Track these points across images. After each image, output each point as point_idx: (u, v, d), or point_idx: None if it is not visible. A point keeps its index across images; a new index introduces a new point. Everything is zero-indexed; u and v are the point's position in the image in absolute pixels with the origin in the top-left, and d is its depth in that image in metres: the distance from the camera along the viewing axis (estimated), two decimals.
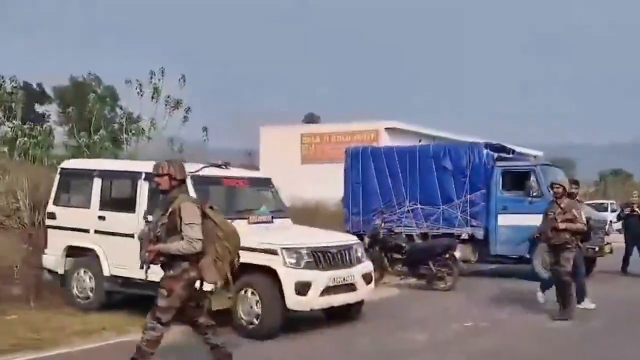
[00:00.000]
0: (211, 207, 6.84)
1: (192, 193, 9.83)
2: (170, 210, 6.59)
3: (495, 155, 15.67)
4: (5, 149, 16.19)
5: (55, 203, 11.43)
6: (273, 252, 9.28)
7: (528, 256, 14.70)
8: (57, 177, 11.59)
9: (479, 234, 15.32)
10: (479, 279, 15.38)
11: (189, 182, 9.92)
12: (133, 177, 10.65)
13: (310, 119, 34.09)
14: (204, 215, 6.67)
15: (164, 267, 6.72)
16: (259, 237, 9.53)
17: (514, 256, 15.26)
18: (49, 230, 11.38)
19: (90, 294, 10.72)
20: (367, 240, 13.99)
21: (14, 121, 18.05)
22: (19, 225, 13.11)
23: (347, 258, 9.93)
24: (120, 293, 10.80)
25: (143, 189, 10.42)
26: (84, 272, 10.80)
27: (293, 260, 9.28)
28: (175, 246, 6.50)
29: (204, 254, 6.61)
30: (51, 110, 37.45)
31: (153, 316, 6.75)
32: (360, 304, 10.40)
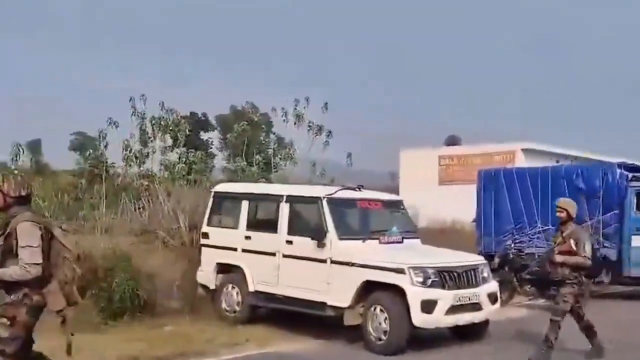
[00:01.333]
0: (60, 227, 6.02)
1: (327, 214, 10.17)
2: (7, 231, 5.66)
3: (630, 175, 14.90)
4: (168, 174, 16.88)
5: (209, 224, 11.90)
6: (401, 271, 9.29)
7: None
8: (211, 200, 12.09)
9: (612, 255, 14.57)
10: (611, 301, 14.57)
11: (324, 203, 10.23)
12: (275, 199, 10.99)
13: (452, 140, 33.62)
14: (51, 237, 5.77)
15: (6, 292, 5.72)
16: (388, 257, 9.61)
17: None
18: (203, 249, 11.87)
19: (237, 308, 11.08)
20: (496, 260, 13.68)
21: (179, 149, 18.81)
22: (179, 244, 13.68)
23: (473, 278, 9.79)
24: (263, 307, 11.11)
25: (284, 211, 10.73)
26: (232, 287, 11.18)
27: (420, 279, 9.26)
28: (8, 272, 5.56)
29: (49, 279, 5.70)
30: (213, 137, 38.96)
31: None
32: (485, 323, 10.18)
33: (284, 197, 10.82)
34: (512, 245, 14.39)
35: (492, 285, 10.19)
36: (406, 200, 12.11)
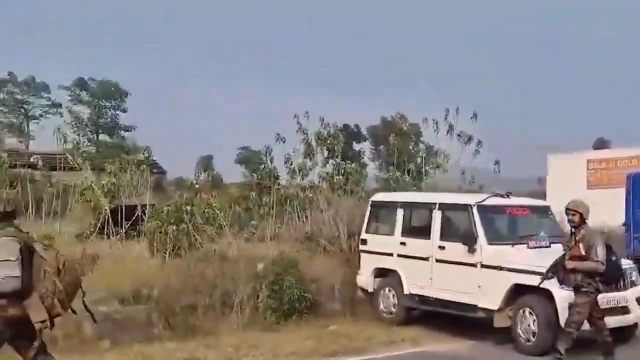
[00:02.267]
0: (50, 244, 6.12)
1: (478, 221, 10.35)
2: None
3: None
4: (326, 185, 17.34)
5: (367, 231, 12.36)
6: None
7: None
8: (368, 208, 12.54)
9: None
10: None
11: (475, 210, 10.42)
12: (428, 207, 11.30)
13: (600, 143, 32.30)
14: (32, 252, 5.72)
15: None
16: (536, 261, 9.66)
17: None
18: (362, 255, 12.34)
19: (393, 310, 11.46)
20: None
21: (334, 160, 19.29)
22: (338, 251, 14.19)
23: (621, 281, 9.62)
24: (417, 309, 11.41)
25: (437, 218, 11.01)
26: (389, 290, 11.57)
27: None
28: None
29: (30, 292, 5.65)
30: (365, 147, 39.58)
31: None
32: (633, 327, 9.98)
33: (437, 205, 11.11)
34: None
35: None
36: (554, 205, 12.01)
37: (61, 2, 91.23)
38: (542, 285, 9.19)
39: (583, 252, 8.38)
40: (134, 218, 14.67)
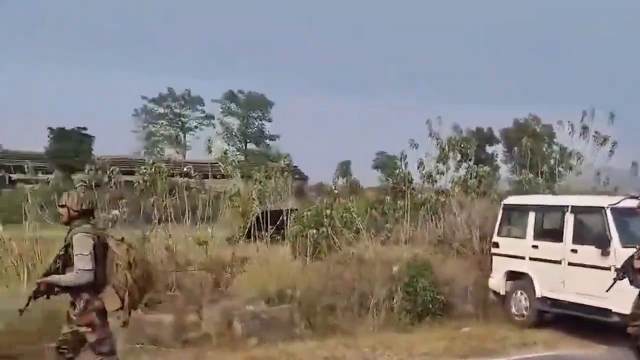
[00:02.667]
0: (122, 239, 6.14)
1: (611, 223, 9.87)
2: (67, 242, 5.90)
3: None
4: (459, 189, 17.09)
5: (499, 234, 12.12)
6: None
7: None
8: (500, 211, 12.28)
9: None
10: None
11: (608, 213, 9.96)
12: (560, 210, 10.92)
13: None
14: (106, 247, 5.91)
15: (72, 303, 5.96)
16: None
17: None
18: (494, 257, 12.11)
19: (525, 312, 11.15)
20: None
21: (467, 163, 18.97)
22: (471, 253, 13.98)
23: None
24: (549, 312, 11.04)
25: (569, 221, 10.62)
26: (520, 293, 11.27)
27: None
28: (64, 278, 5.78)
29: (104, 284, 5.87)
30: (498, 150, 38.65)
31: (95, 353, 6.01)
32: None
33: (569, 208, 10.72)
34: None
35: None
36: None
37: (213, 25, 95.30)
38: None
39: None
40: (278, 222, 15.15)
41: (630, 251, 9.58)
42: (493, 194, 17.41)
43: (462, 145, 18.25)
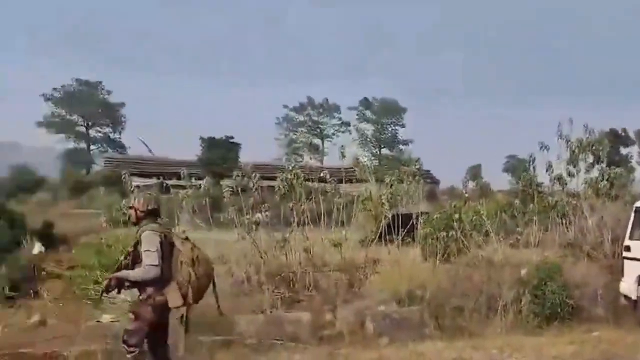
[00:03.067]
0: (186, 237, 6.20)
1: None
2: (136, 239, 6.03)
3: None
4: (590, 191, 16.36)
5: (631, 237, 11.54)
6: None
7: None
8: (633, 214, 11.70)
9: None
10: None
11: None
12: None
13: None
14: (172, 244, 6.01)
15: (138, 292, 6.09)
16: None
17: None
18: (625, 261, 11.52)
19: None
20: None
21: (600, 165, 18.12)
22: (602, 257, 13.35)
23: None
24: None
25: None
26: None
27: None
28: (133, 273, 5.91)
29: (170, 280, 5.94)
30: (633, 151, 36.40)
31: (122, 339, 6.07)
32: None
33: None
34: None
35: None
36: None
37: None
38: None
39: None
40: (409, 225, 15.15)
41: None
42: (627, 196, 16.60)
43: (593, 147, 17.53)
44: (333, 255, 11.97)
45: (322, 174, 14.40)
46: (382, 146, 63.13)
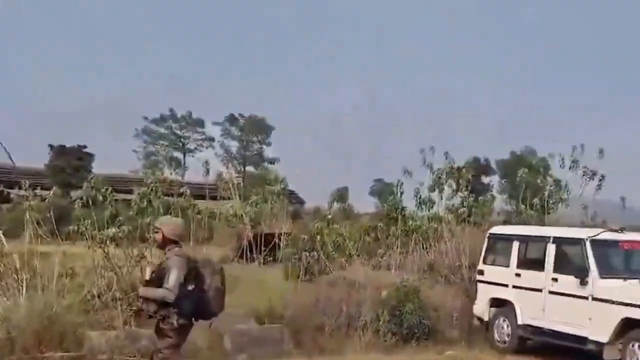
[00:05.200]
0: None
1: (590, 254, 10.39)
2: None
3: None
4: (451, 217, 17.44)
5: (484, 262, 12.61)
6: None
7: None
8: (486, 240, 12.79)
9: None
10: None
11: (587, 244, 10.47)
12: (543, 240, 11.42)
13: None
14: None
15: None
16: None
17: None
18: (479, 285, 12.58)
19: (507, 339, 11.60)
20: None
21: (462, 192, 19.35)
22: (459, 280, 14.37)
23: None
24: (530, 339, 11.48)
25: (551, 251, 11.13)
26: (503, 320, 11.72)
27: None
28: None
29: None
30: (494, 180, 39.23)
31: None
32: None
33: (551, 239, 11.22)
34: None
35: None
36: None
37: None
38: None
39: None
40: (271, 245, 15.61)
41: (610, 281, 10.12)
42: (484, 224, 17.82)
43: (455, 175, 18.63)
44: None
45: (182, 189, 14.54)
46: (247, 164, 63.68)
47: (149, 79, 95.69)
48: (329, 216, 17.13)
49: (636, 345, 9.42)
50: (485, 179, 41.94)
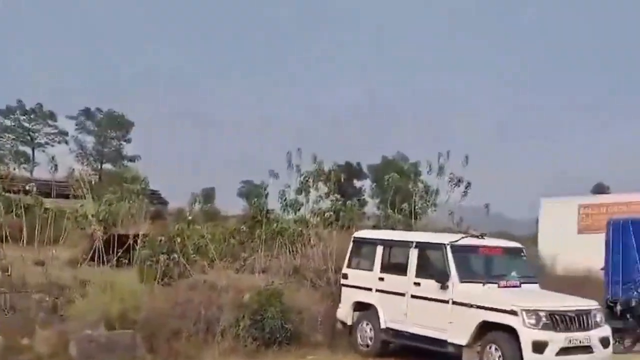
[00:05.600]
0: None
1: (451, 260, 10.96)
2: None
3: None
4: (317, 220, 17.70)
5: (348, 266, 12.98)
6: (514, 313, 9.93)
7: None
8: (351, 244, 13.16)
9: None
10: None
11: (448, 249, 11.04)
12: (406, 245, 11.94)
13: (599, 189, 32.91)
14: None
15: None
16: (504, 300, 10.25)
17: None
18: (343, 288, 12.93)
19: (370, 343, 12.00)
20: (619, 308, 13.72)
21: (333, 196, 19.67)
22: (326, 284, 14.67)
23: (585, 322, 10.19)
24: (393, 343, 11.94)
25: (413, 256, 11.62)
26: (366, 324, 12.12)
27: (532, 321, 9.84)
28: None
29: None
30: (366, 185, 40.33)
31: None
32: None
33: (413, 244, 11.74)
34: (635, 292, 14.29)
35: (605, 330, 10.50)
36: (545, 248, 12.62)
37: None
38: (505, 322, 9.81)
39: None
40: (125, 246, 15.24)
41: (470, 286, 10.71)
42: (352, 227, 18.22)
43: (323, 178, 18.90)
44: (36, 276, 11.73)
45: (28, 186, 13.98)
46: (105, 161, 61.78)
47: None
48: (190, 217, 16.96)
49: (493, 347, 10.02)
50: (357, 183, 43.05)
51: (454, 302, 10.69)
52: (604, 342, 10.32)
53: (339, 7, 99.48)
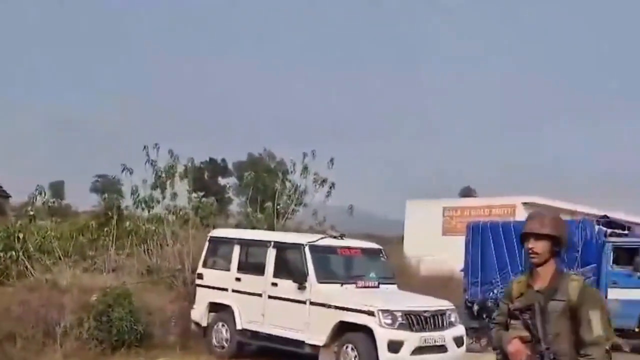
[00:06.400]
0: None
1: (309, 260, 11.26)
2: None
3: (608, 231, 15.76)
4: (172, 218, 17.54)
5: (204, 265, 13.04)
6: (371, 314, 10.36)
7: (637, 330, 14.62)
8: (207, 243, 13.24)
9: None
10: None
11: (306, 250, 11.34)
12: (263, 245, 12.18)
13: (467, 192, 34.56)
14: None
15: None
16: (361, 300, 10.67)
17: (622, 329, 15.08)
18: (198, 289, 12.98)
19: (226, 344, 12.14)
20: (475, 308, 14.59)
21: (196, 193, 19.49)
22: (181, 284, 14.64)
23: (440, 322, 10.78)
24: (250, 344, 12.14)
25: (271, 256, 11.87)
26: (222, 325, 12.23)
27: (388, 321, 10.30)
28: None
29: None
30: (231, 182, 40.33)
31: None
32: None
33: (271, 243, 11.98)
34: (497, 294, 15.21)
35: (459, 330, 11.16)
36: (410, 249, 13.15)
37: None
38: (361, 322, 10.25)
39: None
40: None
41: (327, 286, 11.07)
42: (212, 226, 18.21)
43: (179, 174, 18.61)
44: None
45: None
46: None
47: None
48: (32, 212, 16.39)
49: (350, 347, 10.40)
50: (222, 181, 42.91)
51: (311, 303, 11.00)
52: (458, 341, 10.95)
53: None
